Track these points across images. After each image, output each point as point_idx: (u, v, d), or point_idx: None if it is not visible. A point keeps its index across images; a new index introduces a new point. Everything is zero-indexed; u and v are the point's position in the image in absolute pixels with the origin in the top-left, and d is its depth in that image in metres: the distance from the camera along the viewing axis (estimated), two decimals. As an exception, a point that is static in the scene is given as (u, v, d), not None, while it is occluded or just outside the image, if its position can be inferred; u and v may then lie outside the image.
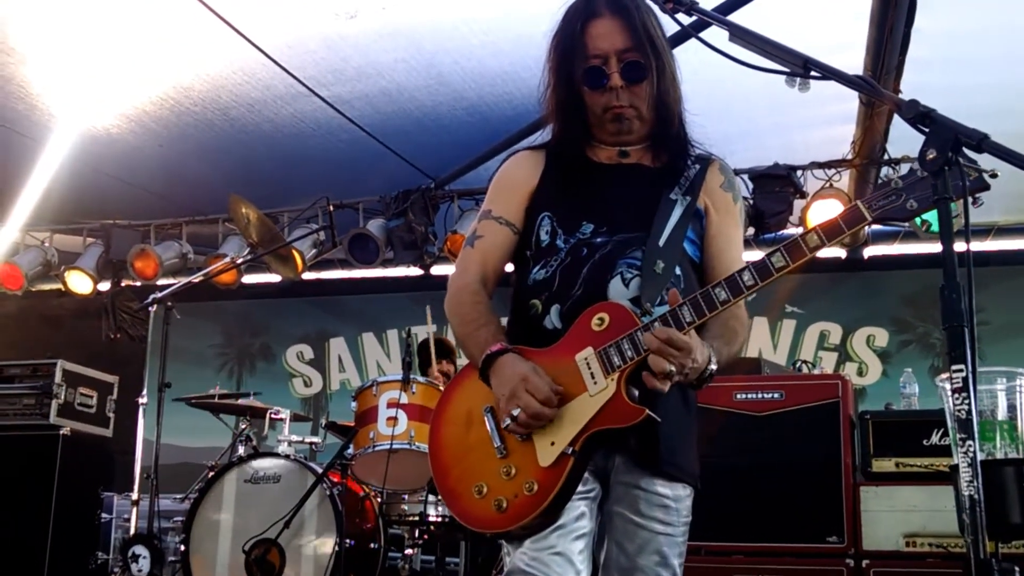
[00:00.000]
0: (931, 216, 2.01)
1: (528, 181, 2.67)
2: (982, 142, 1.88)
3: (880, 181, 6.22)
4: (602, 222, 2.55)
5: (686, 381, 2.35)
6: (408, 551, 5.74)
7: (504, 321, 2.63)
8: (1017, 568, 3.29)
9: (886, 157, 6.34)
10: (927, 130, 1.95)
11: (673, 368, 2.26)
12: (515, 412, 2.34)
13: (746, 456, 5.09)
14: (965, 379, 1.83)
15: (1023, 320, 7.61)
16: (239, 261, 7.39)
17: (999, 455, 3.55)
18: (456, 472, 2.51)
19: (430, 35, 5.50)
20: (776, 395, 5.16)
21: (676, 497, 2.51)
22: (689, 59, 2.79)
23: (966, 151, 1.91)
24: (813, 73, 2.13)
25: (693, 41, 2.40)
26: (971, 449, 1.83)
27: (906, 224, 6.29)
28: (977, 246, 7.07)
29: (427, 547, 5.92)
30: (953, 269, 1.87)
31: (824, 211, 6.28)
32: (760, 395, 5.18)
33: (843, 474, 4.97)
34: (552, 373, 2.40)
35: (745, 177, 6.66)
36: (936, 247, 1.91)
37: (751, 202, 6.64)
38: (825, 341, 8.24)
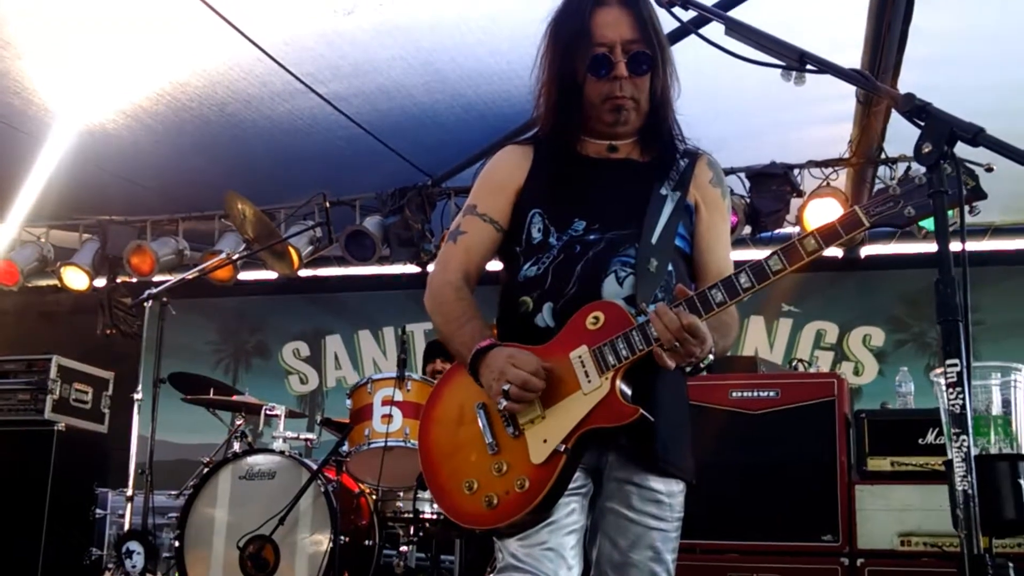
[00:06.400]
0: (928, 223, 2.00)
1: (515, 178, 2.65)
2: (978, 136, 1.87)
3: (878, 187, 6.22)
4: (594, 219, 2.54)
5: (685, 363, 2.33)
6: (403, 548, 5.73)
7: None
8: (1011, 564, 3.29)
9: (883, 156, 6.34)
10: (923, 124, 1.94)
11: (695, 353, 2.28)
12: (505, 387, 2.34)
13: (741, 454, 5.08)
14: (959, 374, 1.82)
15: (1019, 320, 7.60)
16: (235, 257, 7.40)
17: (993, 450, 3.56)
18: (447, 469, 2.51)
19: (428, 32, 5.49)
20: (772, 393, 5.15)
21: (670, 492, 2.51)
22: (687, 57, 2.78)
23: (962, 146, 1.91)
24: (809, 67, 2.12)
25: (691, 39, 2.40)
26: (965, 444, 1.83)
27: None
28: (974, 246, 7.08)
29: (422, 544, 5.91)
30: (948, 263, 1.87)
31: (821, 210, 6.24)
32: (756, 393, 5.17)
33: (838, 473, 4.96)
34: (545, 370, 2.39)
35: (742, 175, 6.64)
36: (933, 247, 1.90)
37: (748, 201, 6.63)
38: (821, 340, 8.23)
